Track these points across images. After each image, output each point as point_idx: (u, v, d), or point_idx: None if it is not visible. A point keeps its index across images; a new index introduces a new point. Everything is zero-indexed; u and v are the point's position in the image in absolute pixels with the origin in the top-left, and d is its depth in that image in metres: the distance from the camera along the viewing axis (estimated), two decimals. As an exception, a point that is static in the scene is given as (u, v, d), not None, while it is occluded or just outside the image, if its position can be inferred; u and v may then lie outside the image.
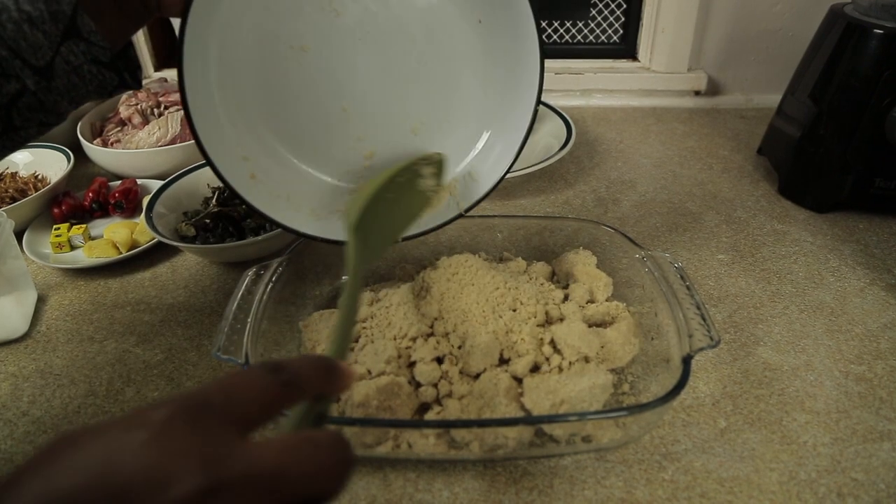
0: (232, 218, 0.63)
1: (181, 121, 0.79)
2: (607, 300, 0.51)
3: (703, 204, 0.71)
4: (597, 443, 0.40)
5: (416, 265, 0.56)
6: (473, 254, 0.53)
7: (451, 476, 0.41)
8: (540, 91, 0.47)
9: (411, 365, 0.44)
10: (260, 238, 0.58)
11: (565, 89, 0.98)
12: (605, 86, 0.98)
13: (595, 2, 0.98)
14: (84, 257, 0.63)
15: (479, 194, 0.50)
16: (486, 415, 0.40)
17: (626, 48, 1.01)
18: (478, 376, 0.43)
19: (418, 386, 0.43)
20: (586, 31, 1.01)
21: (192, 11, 0.38)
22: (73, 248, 0.65)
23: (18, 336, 0.54)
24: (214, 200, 0.64)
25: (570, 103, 0.98)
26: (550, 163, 0.71)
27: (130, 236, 0.64)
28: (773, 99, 0.77)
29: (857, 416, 0.44)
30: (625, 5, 0.97)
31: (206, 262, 0.63)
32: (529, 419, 0.41)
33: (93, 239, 0.66)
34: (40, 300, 0.59)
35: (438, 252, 0.56)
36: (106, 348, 0.53)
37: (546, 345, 0.45)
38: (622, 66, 1.00)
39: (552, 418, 0.40)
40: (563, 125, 0.79)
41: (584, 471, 0.41)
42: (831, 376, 0.48)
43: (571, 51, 1.01)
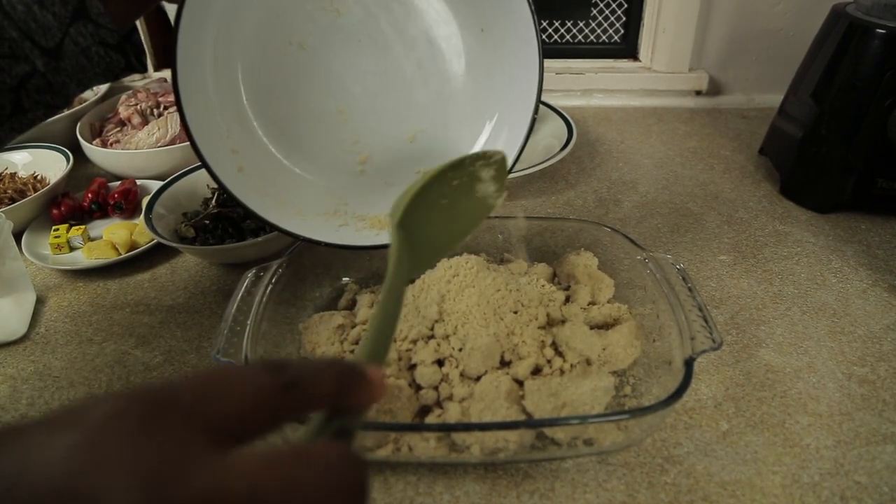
0: (231, 219, 0.63)
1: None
2: (609, 302, 0.51)
3: (705, 204, 0.70)
4: (598, 446, 0.40)
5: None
6: (475, 254, 0.53)
7: (451, 479, 0.41)
8: (539, 92, 0.47)
9: (411, 367, 0.44)
10: (260, 239, 0.58)
11: (566, 89, 0.98)
12: (606, 86, 0.97)
13: (596, 1, 0.97)
14: (83, 258, 0.63)
15: None
16: (487, 418, 0.40)
17: (627, 48, 1.01)
18: (479, 379, 0.43)
19: (419, 389, 0.43)
20: (587, 30, 1.00)
21: None
22: (72, 249, 0.65)
23: (17, 338, 0.54)
24: (214, 201, 0.64)
25: (570, 103, 0.97)
26: (551, 163, 0.71)
27: (130, 237, 0.64)
28: (775, 99, 0.77)
29: (860, 418, 0.44)
30: (626, 5, 0.97)
31: (206, 264, 0.63)
32: (531, 422, 0.40)
33: (92, 240, 0.66)
34: (39, 302, 0.58)
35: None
36: (105, 350, 0.52)
37: (547, 347, 0.45)
38: (623, 65, 1.00)
39: (554, 421, 0.39)
40: (564, 125, 0.79)
41: (585, 474, 0.41)
42: (834, 378, 0.47)
43: (572, 51, 1.01)
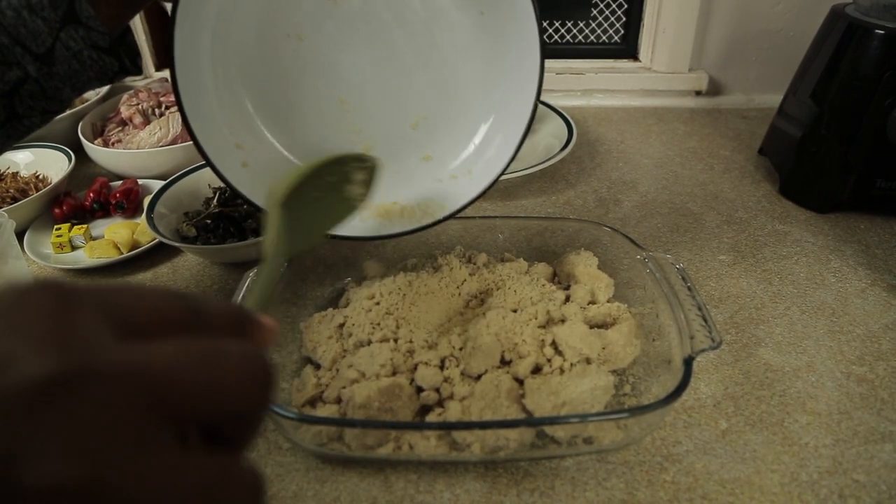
0: (233, 218, 0.63)
1: (182, 121, 0.79)
2: (608, 301, 0.51)
3: (705, 204, 0.71)
4: (598, 444, 0.40)
5: (414, 265, 0.56)
6: (476, 254, 0.53)
7: (452, 477, 0.41)
8: (540, 83, 0.46)
9: (413, 366, 0.44)
10: (261, 238, 0.58)
11: (566, 89, 0.98)
12: (606, 86, 0.98)
13: (596, 2, 0.98)
14: (85, 258, 0.63)
15: (476, 192, 0.49)
16: (488, 416, 0.40)
17: (627, 48, 1.01)
18: (479, 378, 0.43)
19: (420, 390, 0.43)
20: (587, 31, 1.01)
21: None
22: (74, 248, 0.65)
23: (20, 337, 0.54)
24: (216, 201, 0.64)
25: (571, 103, 0.98)
26: (551, 163, 0.71)
27: (131, 237, 0.64)
28: (775, 99, 0.77)
29: (858, 417, 0.44)
30: (626, 5, 0.97)
31: (208, 263, 0.63)
32: (531, 421, 0.41)
33: (94, 239, 0.66)
34: (41, 301, 0.59)
35: (438, 252, 0.56)
36: (107, 349, 0.52)
37: (547, 346, 0.45)
38: (623, 66, 1.00)
39: (554, 420, 0.40)
40: (564, 125, 0.79)
41: (585, 472, 0.41)
42: (833, 377, 0.48)
43: (572, 51, 1.01)
